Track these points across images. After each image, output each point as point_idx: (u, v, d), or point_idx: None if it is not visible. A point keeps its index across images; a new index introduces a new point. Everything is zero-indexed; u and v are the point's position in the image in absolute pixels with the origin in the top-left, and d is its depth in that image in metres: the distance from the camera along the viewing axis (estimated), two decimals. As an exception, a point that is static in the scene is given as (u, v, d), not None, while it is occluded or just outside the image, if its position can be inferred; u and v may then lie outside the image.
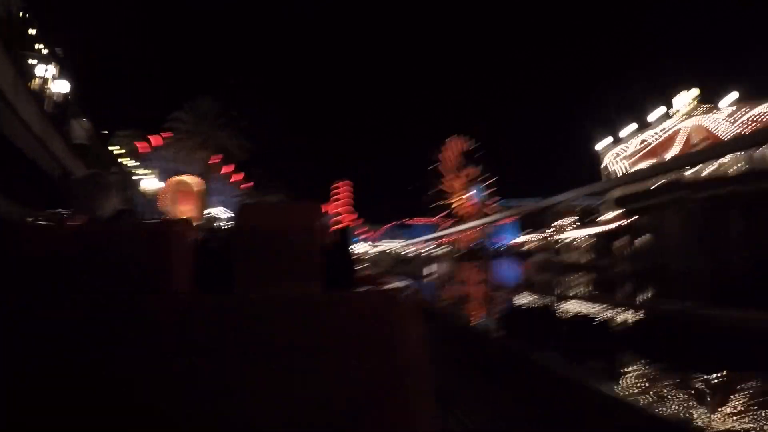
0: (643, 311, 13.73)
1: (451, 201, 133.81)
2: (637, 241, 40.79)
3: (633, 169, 41.77)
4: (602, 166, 46.75)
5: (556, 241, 59.88)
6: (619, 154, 45.09)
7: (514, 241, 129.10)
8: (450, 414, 3.69)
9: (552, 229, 66.43)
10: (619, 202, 41.80)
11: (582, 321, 14.05)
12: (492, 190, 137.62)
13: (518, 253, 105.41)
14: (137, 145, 65.03)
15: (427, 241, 18.06)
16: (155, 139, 64.49)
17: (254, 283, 1.76)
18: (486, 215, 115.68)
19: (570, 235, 54.96)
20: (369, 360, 1.64)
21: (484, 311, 20.76)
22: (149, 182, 40.51)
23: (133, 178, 39.71)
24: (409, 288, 1.80)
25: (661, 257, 34.44)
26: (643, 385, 8.92)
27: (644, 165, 40.15)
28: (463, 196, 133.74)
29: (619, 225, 44.79)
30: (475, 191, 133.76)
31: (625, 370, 9.91)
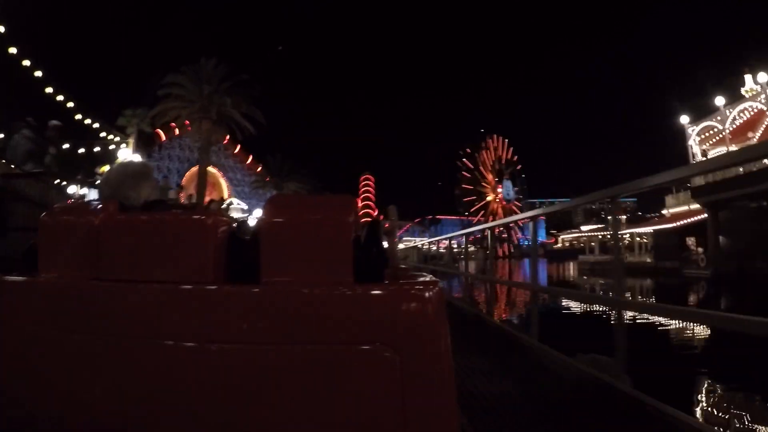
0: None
1: (482, 198, 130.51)
2: (720, 240, 34.14)
3: (719, 151, 34.90)
4: (688, 144, 39.55)
5: (605, 239, 54.84)
6: (711, 129, 37.84)
7: (545, 239, 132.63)
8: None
9: (601, 226, 61.63)
10: (700, 193, 35.13)
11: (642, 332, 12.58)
12: (523, 188, 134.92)
13: (555, 252, 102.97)
14: (157, 133, 60.02)
15: (456, 237, 13.34)
16: (171, 129, 58.88)
17: (282, 273, 1.74)
18: (516, 213, 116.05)
19: (626, 232, 48.31)
20: (398, 351, 1.64)
21: (515, 311, 19.98)
22: (126, 153, 34.63)
23: (110, 148, 33.89)
24: (437, 284, 1.77)
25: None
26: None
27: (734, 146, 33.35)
28: (495, 193, 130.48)
29: (695, 220, 39.26)
30: (506, 188, 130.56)
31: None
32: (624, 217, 53.84)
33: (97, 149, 28.75)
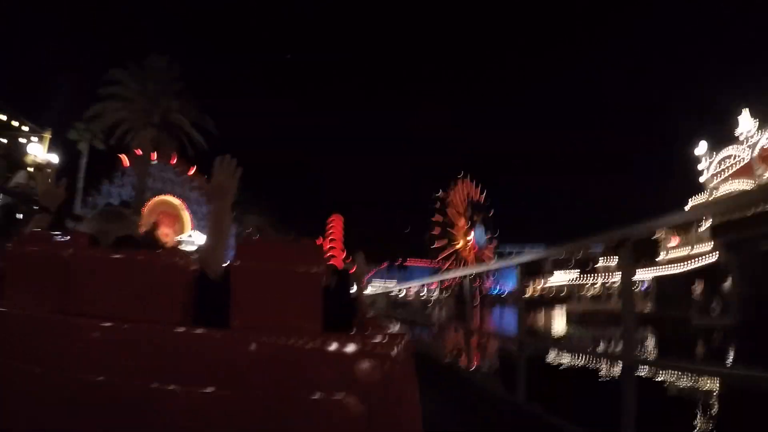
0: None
1: (453, 244, 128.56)
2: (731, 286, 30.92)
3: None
4: (704, 178, 36.81)
5: (596, 287, 51.73)
6: (734, 158, 34.98)
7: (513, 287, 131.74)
8: None
9: (588, 272, 58.51)
10: (716, 233, 32.87)
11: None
12: (494, 235, 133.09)
13: (525, 301, 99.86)
14: (120, 157, 57.87)
15: (425, 284, 17.94)
16: (135, 154, 54.17)
17: (251, 319, 1.77)
18: (485, 261, 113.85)
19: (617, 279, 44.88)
20: (366, 401, 1.65)
21: (487, 361, 18.58)
22: (37, 149, 29.71)
23: (20, 140, 29.12)
24: (404, 336, 1.83)
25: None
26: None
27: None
28: (465, 240, 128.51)
29: (701, 265, 36.02)
30: (477, 235, 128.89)
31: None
32: (613, 263, 49.95)
33: (3, 140, 24.12)
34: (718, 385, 13.19)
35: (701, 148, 37.49)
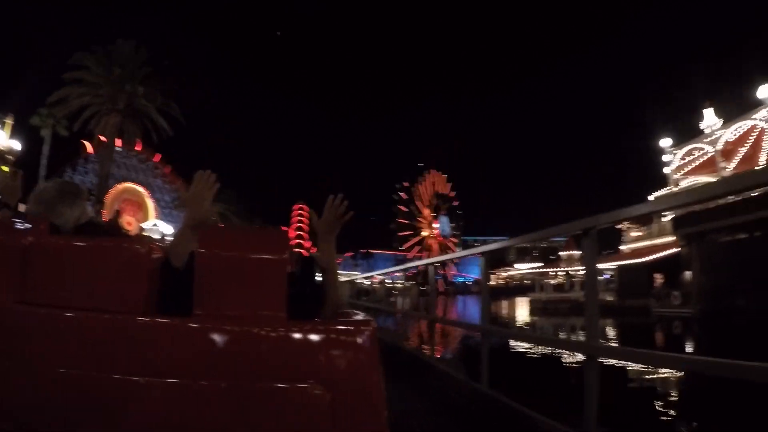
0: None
1: (418, 233, 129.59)
2: (692, 276, 31.66)
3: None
4: (668, 171, 37.49)
5: (558, 276, 52.36)
6: (698, 151, 35.80)
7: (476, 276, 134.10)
8: None
9: (551, 263, 59.24)
10: (678, 224, 33.71)
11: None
12: (459, 224, 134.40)
13: (494, 290, 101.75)
14: (84, 144, 54.86)
15: (390, 272, 16.94)
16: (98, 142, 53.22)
17: (214, 307, 1.74)
18: (450, 250, 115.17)
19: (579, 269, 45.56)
20: (330, 390, 1.65)
21: (449, 348, 19.68)
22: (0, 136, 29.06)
23: None
24: (370, 323, 1.80)
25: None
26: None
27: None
28: (430, 229, 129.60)
29: (663, 256, 37.20)
30: (442, 225, 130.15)
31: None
32: (577, 253, 50.61)
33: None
34: (677, 373, 13.42)
35: (666, 141, 38.25)
